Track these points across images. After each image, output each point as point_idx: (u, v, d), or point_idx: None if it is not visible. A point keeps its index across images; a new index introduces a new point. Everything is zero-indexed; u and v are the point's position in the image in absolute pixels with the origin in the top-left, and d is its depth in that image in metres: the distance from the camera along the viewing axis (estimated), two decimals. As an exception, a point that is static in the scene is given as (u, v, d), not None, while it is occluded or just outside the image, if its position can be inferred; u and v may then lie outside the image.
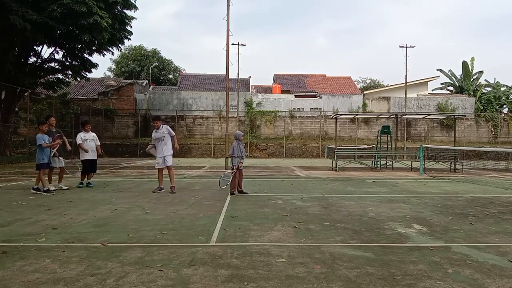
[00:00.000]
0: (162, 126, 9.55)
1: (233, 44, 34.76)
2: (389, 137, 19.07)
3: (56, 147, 9.50)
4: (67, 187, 9.82)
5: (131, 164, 21.18)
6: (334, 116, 19.96)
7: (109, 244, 4.59)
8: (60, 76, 25.98)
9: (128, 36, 25.40)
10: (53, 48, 24.03)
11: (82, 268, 3.72)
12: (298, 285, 3.34)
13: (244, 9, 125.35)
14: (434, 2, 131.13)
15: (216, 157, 30.73)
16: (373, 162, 18.36)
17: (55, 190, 9.15)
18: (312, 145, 33.46)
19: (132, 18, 24.71)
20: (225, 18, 19.42)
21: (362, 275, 3.60)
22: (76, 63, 24.85)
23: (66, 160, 10.50)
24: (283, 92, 39.52)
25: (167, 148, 9.47)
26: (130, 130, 34.31)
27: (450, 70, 46.34)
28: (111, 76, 53.80)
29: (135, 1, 24.26)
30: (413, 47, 34.95)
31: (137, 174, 15.01)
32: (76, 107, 30.04)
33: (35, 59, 24.29)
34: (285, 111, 35.50)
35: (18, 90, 22.29)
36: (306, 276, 3.56)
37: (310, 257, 4.13)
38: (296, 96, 38.22)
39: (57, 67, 24.63)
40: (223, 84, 37.15)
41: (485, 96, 41.62)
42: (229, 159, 10.76)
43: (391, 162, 18.70)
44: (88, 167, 10.45)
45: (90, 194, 8.97)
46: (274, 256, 4.17)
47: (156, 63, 57.20)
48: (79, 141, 10.36)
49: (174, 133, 9.73)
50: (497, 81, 44.92)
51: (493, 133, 35.89)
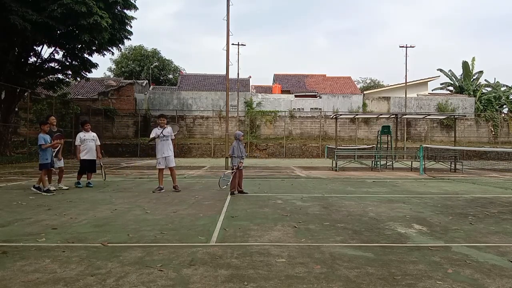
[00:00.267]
0: (167, 125, 9.57)
1: (233, 44, 34.83)
2: (389, 137, 19.08)
3: (57, 147, 9.49)
4: (67, 187, 9.83)
5: (131, 164, 21.19)
6: (334, 116, 19.96)
7: (109, 244, 4.59)
8: (60, 76, 26.00)
9: (128, 36, 25.43)
10: (53, 48, 24.07)
11: (82, 268, 3.72)
12: (298, 285, 3.33)
13: (244, 9, 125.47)
14: (434, 2, 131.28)
15: (216, 157, 30.73)
16: (373, 162, 18.36)
17: (55, 190, 9.15)
18: (312, 145, 33.46)
19: (132, 18, 24.72)
20: (225, 18, 19.43)
21: (362, 275, 3.60)
22: (76, 63, 24.86)
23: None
24: (283, 92, 39.51)
25: (169, 149, 9.48)
26: (130, 130, 34.32)
27: (450, 70, 46.39)
28: (111, 76, 53.80)
29: (135, 1, 24.29)
30: (413, 47, 35.00)
31: (137, 174, 15.01)
32: (76, 107, 30.04)
33: (35, 59, 24.31)
34: (285, 111, 35.50)
35: (18, 90, 22.30)
36: (306, 276, 3.56)
37: (310, 257, 4.13)
38: (296, 96, 38.22)
39: (57, 67, 24.64)
40: (223, 84, 37.14)
41: (485, 96, 41.63)
42: (229, 159, 10.76)
43: (391, 162, 18.70)
44: (87, 167, 10.45)
45: (90, 194, 8.97)
46: (274, 256, 4.17)
47: (156, 63, 57.19)
48: (77, 142, 10.40)
49: (174, 137, 9.76)
50: (497, 81, 44.98)
51: (493, 133, 35.89)
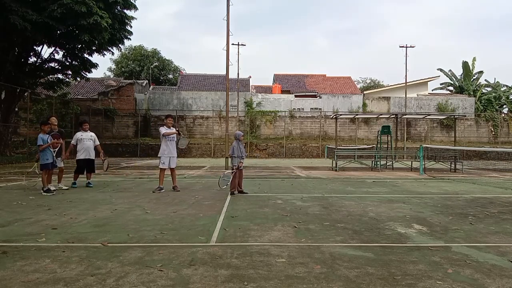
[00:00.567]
0: (179, 133, 9.66)
1: (233, 44, 34.82)
2: (389, 137, 19.08)
3: (57, 147, 9.48)
4: (67, 187, 9.82)
5: (131, 164, 21.18)
6: (334, 116, 19.96)
7: (109, 244, 4.59)
8: (60, 76, 25.98)
9: (128, 36, 25.41)
10: (53, 48, 24.06)
11: (82, 268, 3.72)
12: (298, 285, 3.33)
13: (244, 9, 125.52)
14: (434, 2, 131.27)
15: (216, 157, 30.72)
16: (373, 162, 18.36)
17: (55, 190, 9.15)
18: (312, 145, 33.45)
19: (132, 18, 24.71)
20: (225, 18, 19.43)
21: (362, 275, 3.59)
22: (76, 63, 24.85)
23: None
24: (283, 92, 39.51)
25: (175, 150, 9.51)
26: (130, 130, 34.32)
27: (450, 70, 46.40)
28: (111, 76, 53.79)
29: (135, 1, 24.28)
30: (413, 47, 34.98)
31: (137, 174, 15.01)
32: (76, 107, 30.03)
33: (35, 59, 24.30)
34: (285, 111, 35.50)
35: (18, 90, 22.29)
36: (306, 276, 3.56)
37: (310, 257, 4.13)
38: (296, 96, 38.21)
39: (57, 67, 24.62)
40: (223, 84, 37.14)
41: (485, 96, 41.64)
42: (229, 159, 10.76)
43: (391, 162, 18.70)
44: (83, 167, 10.38)
45: (90, 194, 8.97)
46: (274, 256, 4.17)
47: (156, 63, 57.19)
48: (73, 141, 10.41)
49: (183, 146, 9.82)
50: (497, 81, 45.02)
51: (493, 133, 35.89)
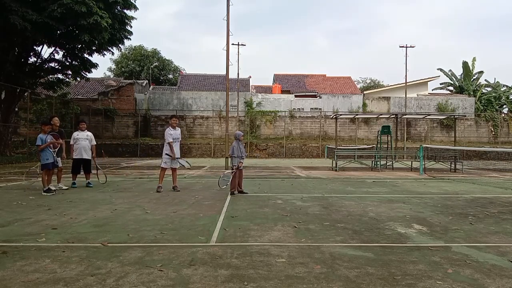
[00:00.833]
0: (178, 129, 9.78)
1: (233, 44, 34.79)
2: (389, 137, 19.07)
3: (57, 147, 9.48)
4: (66, 187, 9.82)
5: (131, 164, 21.18)
6: (334, 116, 19.96)
7: (109, 244, 4.59)
8: (60, 76, 25.96)
9: (128, 36, 25.39)
10: (53, 48, 24.04)
11: (82, 268, 3.72)
12: (298, 285, 3.33)
13: (244, 9, 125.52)
14: (434, 2, 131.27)
15: (216, 157, 30.72)
16: (373, 162, 18.36)
17: (55, 190, 9.15)
18: (312, 145, 33.45)
19: (132, 18, 24.70)
20: (225, 18, 19.42)
21: (362, 275, 3.60)
22: (76, 63, 24.84)
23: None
24: (283, 92, 39.50)
25: (178, 150, 9.58)
26: (130, 130, 34.31)
27: (450, 70, 46.39)
28: (111, 76, 53.78)
29: (135, 1, 24.27)
30: (413, 47, 34.96)
31: (137, 174, 15.01)
32: (76, 107, 30.04)
33: (35, 59, 24.29)
34: (285, 111, 35.49)
35: (18, 90, 22.28)
36: (306, 276, 3.56)
37: (310, 257, 4.13)
38: (296, 96, 38.21)
39: (57, 67, 24.62)
40: (223, 84, 37.15)
41: (485, 96, 41.64)
42: (229, 159, 10.77)
43: (391, 162, 18.70)
44: (78, 167, 10.36)
45: (90, 194, 8.97)
46: (274, 256, 4.17)
47: (156, 63, 57.18)
48: (71, 141, 10.41)
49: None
50: (497, 81, 44.99)
51: (493, 133, 35.89)
